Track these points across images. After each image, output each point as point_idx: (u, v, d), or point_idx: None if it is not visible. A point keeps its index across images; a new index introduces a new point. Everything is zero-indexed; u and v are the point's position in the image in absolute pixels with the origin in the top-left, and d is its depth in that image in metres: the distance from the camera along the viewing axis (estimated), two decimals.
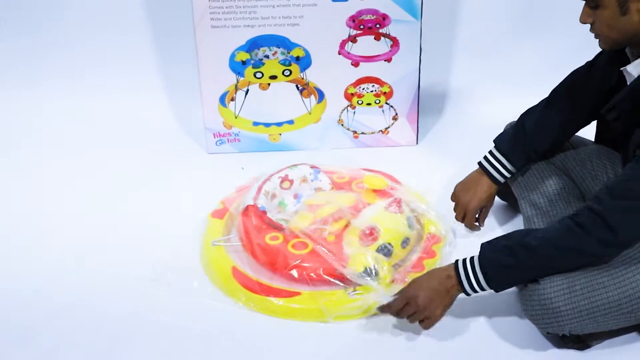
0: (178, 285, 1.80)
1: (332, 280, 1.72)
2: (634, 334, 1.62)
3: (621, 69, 1.59)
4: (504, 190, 2.05)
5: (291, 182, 2.05)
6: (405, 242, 1.81)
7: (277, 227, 1.87)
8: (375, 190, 2.01)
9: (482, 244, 1.57)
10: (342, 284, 1.72)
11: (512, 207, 2.08)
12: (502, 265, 1.52)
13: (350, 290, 1.71)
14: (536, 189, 1.85)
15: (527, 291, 1.53)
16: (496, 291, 1.56)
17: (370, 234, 1.78)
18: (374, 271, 1.70)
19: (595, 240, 1.45)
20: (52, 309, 1.75)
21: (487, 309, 1.72)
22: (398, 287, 1.66)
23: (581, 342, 1.58)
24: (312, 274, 1.73)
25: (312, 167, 2.09)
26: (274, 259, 1.78)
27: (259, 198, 1.95)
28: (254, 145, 2.46)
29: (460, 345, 1.63)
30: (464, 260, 1.57)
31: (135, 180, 2.32)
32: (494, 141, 1.88)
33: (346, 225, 1.85)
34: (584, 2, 1.53)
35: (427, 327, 1.61)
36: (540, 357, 1.58)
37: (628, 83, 1.58)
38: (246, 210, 1.92)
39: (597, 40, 1.57)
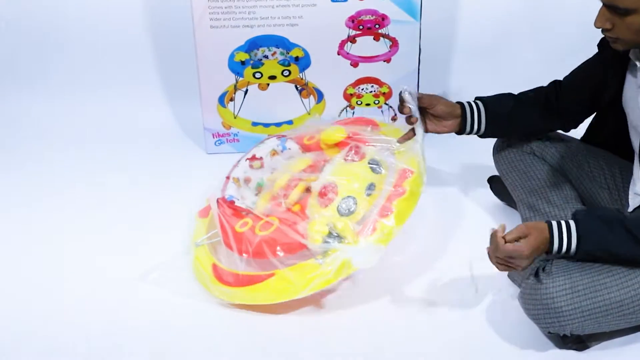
0: (168, 286, 1.80)
1: (298, 253, 1.67)
2: (633, 335, 1.62)
3: (638, 64, 1.57)
4: (501, 190, 2.06)
5: (260, 160, 1.99)
6: (370, 188, 1.72)
7: (248, 213, 1.80)
8: (337, 144, 1.90)
9: (578, 212, 1.53)
10: (310, 254, 1.65)
11: (510, 208, 2.08)
12: (597, 234, 1.48)
13: (320, 257, 1.64)
14: (534, 191, 1.85)
15: (529, 291, 1.53)
16: (579, 258, 1.52)
17: (324, 194, 1.71)
18: (334, 237, 1.64)
19: None
20: (51, 308, 1.75)
21: (488, 308, 1.72)
22: (367, 241, 1.62)
23: (581, 342, 1.59)
24: (278, 252, 1.67)
25: (278, 137, 2.02)
26: (244, 246, 1.72)
27: (226, 189, 1.91)
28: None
29: (461, 344, 1.63)
30: (559, 223, 1.51)
31: (134, 180, 2.31)
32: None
33: (308, 190, 1.78)
34: (606, 7, 1.47)
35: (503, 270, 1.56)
36: (541, 357, 1.58)
37: (630, 79, 1.58)
38: (218, 204, 1.86)
39: (610, 41, 1.53)
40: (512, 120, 1.81)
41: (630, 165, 1.69)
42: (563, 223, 1.50)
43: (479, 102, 1.81)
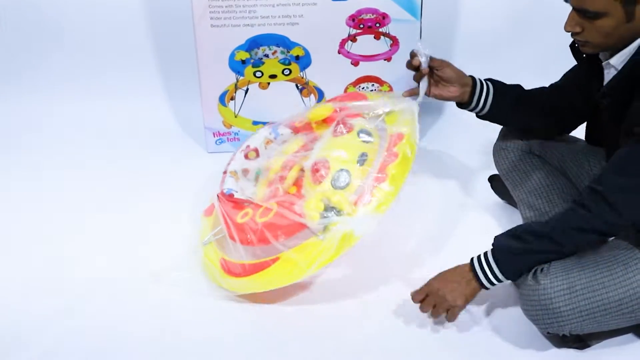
0: (168, 286, 1.80)
1: (299, 233, 1.66)
2: (634, 334, 1.62)
3: (602, 63, 1.58)
4: (502, 189, 2.05)
5: (256, 150, 1.99)
6: (362, 157, 1.70)
7: (249, 204, 1.79)
8: (326, 120, 1.89)
9: (495, 237, 1.59)
10: (311, 233, 1.65)
11: (511, 207, 2.08)
12: (511, 252, 1.53)
13: (320, 234, 1.63)
14: (534, 191, 1.85)
15: (528, 292, 1.53)
16: (511, 279, 1.56)
17: (317, 170, 1.70)
18: (331, 211, 1.63)
19: (600, 221, 1.46)
20: (51, 308, 1.75)
21: (487, 309, 1.73)
22: (365, 209, 1.62)
23: (581, 341, 1.59)
24: (280, 236, 1.67)
25: (269, 125, 2.02)
26: (247, 235, 1.72)
27: (224, 182, 1.91)
28: None
29: (460, 345, 1.63)
30: (478, 255, 1.59)
31: (135, 179, 2.32)
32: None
33: (302, 171, 1.77)
34: (576, 11, 1.50)
35: (451, 319, 1.63)
36: (541, 356, 1.58)
37: (606, 78, 1.58)
38: (218, 199, 1.86)
39: (579, 44, 1.55)
40: (515, 109, 1.82)
41: None
42: (482, 254, 1.57)
43: (489, 83, 1.82)
